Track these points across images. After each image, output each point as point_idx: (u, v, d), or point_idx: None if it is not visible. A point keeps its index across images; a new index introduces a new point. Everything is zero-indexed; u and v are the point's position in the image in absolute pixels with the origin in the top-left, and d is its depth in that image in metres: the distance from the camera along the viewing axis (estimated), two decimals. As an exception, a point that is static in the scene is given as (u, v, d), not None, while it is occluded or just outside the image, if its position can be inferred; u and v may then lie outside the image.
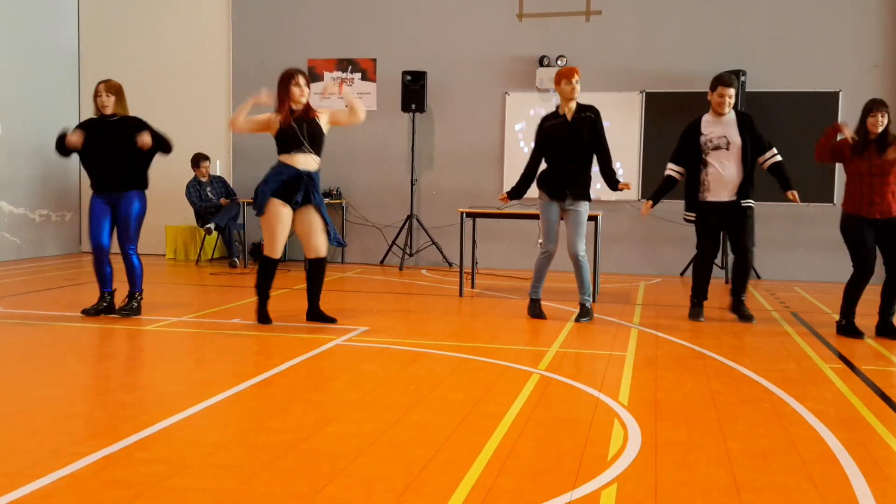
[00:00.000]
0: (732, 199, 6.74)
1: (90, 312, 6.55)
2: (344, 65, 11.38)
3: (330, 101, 10.26)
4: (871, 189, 6.10)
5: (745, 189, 6.73)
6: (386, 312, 7.12)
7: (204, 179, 10.91)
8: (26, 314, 6.72)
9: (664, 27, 10.49)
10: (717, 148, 6.74)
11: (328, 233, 6.37)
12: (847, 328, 6.32)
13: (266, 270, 6.36)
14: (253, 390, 4.38)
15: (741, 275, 6.94)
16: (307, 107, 6.25)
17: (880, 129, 6.06)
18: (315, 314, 6.47)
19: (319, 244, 6.32)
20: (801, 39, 10.14)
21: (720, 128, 6.77)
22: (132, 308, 6.61)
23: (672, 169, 7.01)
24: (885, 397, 4.47)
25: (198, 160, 10.81)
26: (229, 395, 4.26)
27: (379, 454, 3.35)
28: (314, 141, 6.22)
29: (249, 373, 4.74)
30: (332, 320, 6.44)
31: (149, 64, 11.87)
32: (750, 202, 6.76)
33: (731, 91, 6.74)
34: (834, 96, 10.05)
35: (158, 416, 3.83)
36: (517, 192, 6.95)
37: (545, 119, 6.87)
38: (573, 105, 6.69)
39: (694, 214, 6.94)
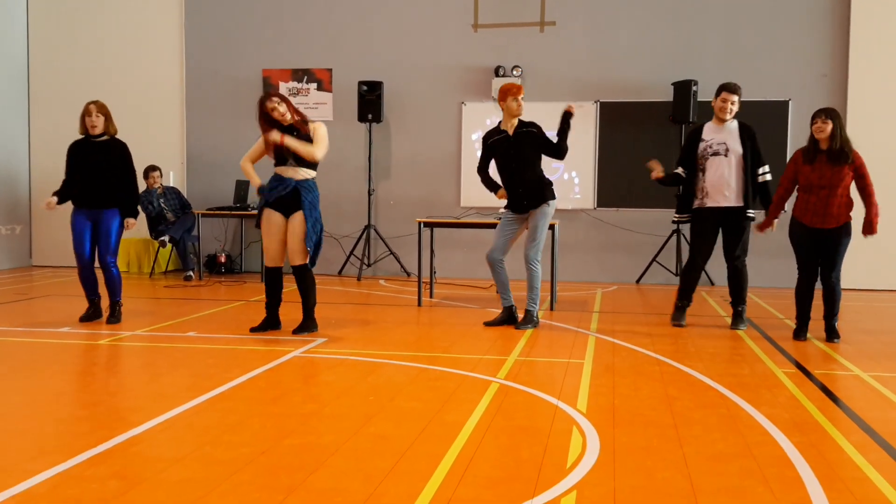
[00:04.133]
0: (730, 206, 6.74)
1: (85, 319, 6.95)
2: (299, 75, 11.33)
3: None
4: (816, 199, 6.20)
5: (745, 197, 6.74)
6: (344, 323, 7.08)
7: (157, 189, 10.75)
8: (-25, 330, 6.58)
9: (617, 38, 10.61)
10: (715, 154, 6.74)
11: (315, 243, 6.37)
12: (797, 331, 6.54)
13: (265, 279, 6.60)
14: (210, 404, 4.33)
15: (733, 283, 6.91)
16: (298, 121, 6.30)
17: (824, 137, 6.15)
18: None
19: (291, 253, 6.32)
20: (752, 49, 10.32)
21: (721, 135, 6.79)
22: (116, 316, 6.93)
23: (679, 170, 6.97)
24: (837, 401, 4.55)
25: (146, 171, 10.68)
26: (185, 408, 4.21)
27: (338, 466, 3.33)
28: (299, 157, 6.25)
29: (206, 386, 4.69)
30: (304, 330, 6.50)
31: (100, 75, 11.69)
32: (751, 213, 6.77)
33: (735, 97, 6.74)
34: (784, 105, 10.24)
35: (113, 432, 3.77)
36: (491, 185, 7.00)
37: (488, 135, 6.94)
38: (515, 121, 6.76)
39: (687, 216, 6.95)
